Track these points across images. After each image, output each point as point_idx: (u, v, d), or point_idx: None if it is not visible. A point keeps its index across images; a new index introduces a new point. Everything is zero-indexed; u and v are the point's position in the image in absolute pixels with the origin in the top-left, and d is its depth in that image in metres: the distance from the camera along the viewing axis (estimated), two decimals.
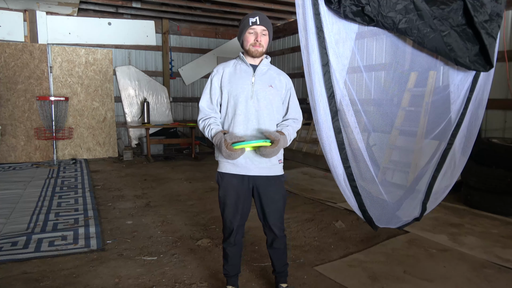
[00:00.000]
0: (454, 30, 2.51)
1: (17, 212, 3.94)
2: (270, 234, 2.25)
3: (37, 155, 6.93)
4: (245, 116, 2.09)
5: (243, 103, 2.09)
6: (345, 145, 2.31)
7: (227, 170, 2.14)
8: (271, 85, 2.13)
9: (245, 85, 2.10)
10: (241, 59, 2.16)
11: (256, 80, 2.11)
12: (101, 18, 7.80)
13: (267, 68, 2.18)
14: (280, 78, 2.19)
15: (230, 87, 2.12)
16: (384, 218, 2.72)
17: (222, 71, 2.16)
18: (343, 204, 4.16)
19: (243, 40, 2.11)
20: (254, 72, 2.13)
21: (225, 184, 2.16)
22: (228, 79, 2.13)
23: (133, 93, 8.11)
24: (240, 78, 2.12)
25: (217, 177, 2.20)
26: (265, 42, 2.10)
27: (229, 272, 2.29)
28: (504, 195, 3.85)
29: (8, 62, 6.66)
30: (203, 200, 4.55)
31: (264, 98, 2.11)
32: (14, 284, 2.48)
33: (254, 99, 2.09)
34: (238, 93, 2.09)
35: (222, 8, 7.27)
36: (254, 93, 2.09)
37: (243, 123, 2.09)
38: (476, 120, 3.11)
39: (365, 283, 2.51)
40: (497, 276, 2.61)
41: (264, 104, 2.11)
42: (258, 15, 2.07)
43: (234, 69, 2.16)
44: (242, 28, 2.10)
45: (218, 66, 2.20)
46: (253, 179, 2.14)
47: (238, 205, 2.16)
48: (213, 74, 2.18)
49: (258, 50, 2.09)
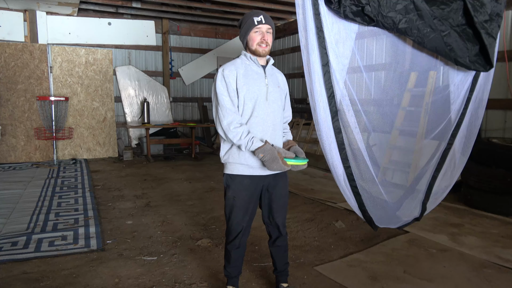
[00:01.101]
0: (454, 30, 2.51)
1: (17, 212, 3.94)
2: (275, 232, 2.26)
3: (37, 155, 6.93)
4: (261, 118, 2.08)
5: (260, 105, 2.08)
6: (345, 145, 2.31)
7: (239, 171, 2.12)
8: (278, 86, 2.17)
9: (261, 87, 2.09)
10: (251, 60, 2.10)
11: (268, 82, 2.12)
12: (101, 18, 7.80)
13: (271, 68, 2.20)
14: (282, 78, 2.26)
15: (247, 89, 2.05)
16: (384, 218, 2.72)
17: (236, 71, 2.06)
18: (343, 204, 4.16)
19: (248, 40, 2.07)
20: (265, 74, 2.13)
21: (236, 186, 2.13)
22: (244, 81, 2.06)
23: (133, 93, 8.11)
24: (254, 79, 2.08)
25: (226, 179, 2.17)
26: (270, 41, 2.09)
27: (231, 273, 2.27)
28: (504, 195, 3.85)
29: (8, 62, 6.67)
30: (203, 200, 4.55)
31: (275, 99, 2.14)
32: (14, 284, 2.48)
33: (269, 100, 2.11)
34: (256, 95, 2.07)
35: (222, 8, 7.27)
36: (269, 95, 2.11)
37: (259, 124, 2.08)
38: (476, 120, 3.11)
39: (365, 283, 2.51)
40: (497, 276, 2.61)
41: (277, 105, 2.14)
42: (261, 14, 2.05)
43: (245, 70, 2.09)
44: (247, 28, 2.05)
45: (228, 67, 2.07)
46: (265, 178, 2.15)
47: (248, 206, 2.16)
48: (225, 74, 2.04)
49: (266, 49, 2.07)
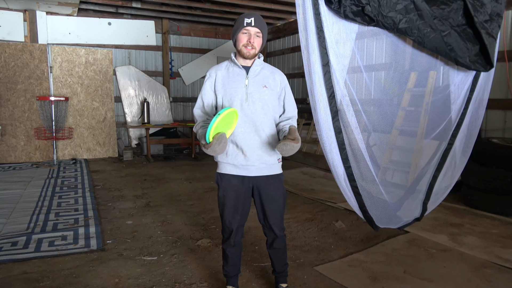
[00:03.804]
0: (455, 30, 2.51)
1: (17, 212, 3.94)
2: (270, 234, 2.24)
3: (37, 155, 6.93)
4: (241, 119, 2.06)
5: (238, 107, 2.06)
6: (345, 145, 2.31)
7: (227, 171, 2.14)
8: (265, 86, 2.10)
9: (238, 88, 2.07)
10: (232, 61, 2.12)
11: (249, 82, 2.08)
12: (101, 18, 7.80)
13: (260, 68, 2.13)
14: (274, 76, 2.14)
15: (224, 91, 2.09)
16: (385, 218, 2.72)
17: (215, 75, 2.13)
18: (343, 204, 4.16)
19: (236, 40, 2.07)
20: (247, 74, 2.09)
21: (225, 185, 2.15)
22: (222, 83, 2.10)
23: (133, 93, 8.10)
24: (234, 81, 2.09)
25: (217, 177, 2.20)
26: (258, 44, 2.06)
27: (229, 272, 2.29)
28: (504, 195, 3.84)
29: (8, 62, 6.66)
30: (203, 200, 4.55)
31: (259, 99, 2.08)
32: (14, 284, 2.48)
33: (249, 101, 2.07)
34: (233, 96, 2.07)
35: (222, 8, 7.27)
36: (249, 95, 2.07)
37: (240, 126, 2.07)
38: (477, 120, 3.11)
39: (365, 283, 2.51)
40: (497, 276, 2.61)
41: (260, 106, 2.08)
42: (253, 16, 2.03)
43: (227, 72, 2.12)
44: (236, 28, 2.06)
45: (211, 70, 2.17)
46: (253, 179, 2.13)
47: (238, 206, 2.15)
48: (205, 79, 2.16)
49: (250, 52, 2.05)
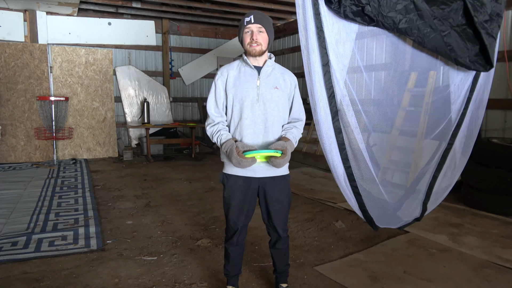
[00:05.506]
0: (454, 30, 2.51)
1: (17, 212, 3.94)
2: (274, 235, 2.24)
3: (37, 155, 6.93)
4: (251, 120, 2.06)
5: (249, 107, 2.06)
6: (345, 145, 2.31)
7: (233, 171, 2.12)
8: (276, 87, 2.10)
9: (250, 89, 2.07)
10: (244, 61, 2.11)
11: (261, 83, 2.08)
12: (101, 18, 7.79)
13: (271, 68, 2.13)
14: (284, 77, 2.15)
15: (235, 91, 2.08)
16: (385, 218, 2.72)
17: (227, 74, 2.12)
18: (343, 204, 4.16)
19: (242, 41, 2.09)
20: (259, 75, 2.09)
21: (231, 185, 2.14)
22: (233, 82, 2.09)
23: (133, 93, 8.10)
24: (245, 81, 2.08)
25: (222, 177, 2.18)
26: (262, 40, 2.05)
27: (230, 272, 2.29)
28: (504, 195, 3.85)
29: (8, 62, 6.66)
30: (203, 200, 4.55)
31: (270, 100, 2.08)
32: (14, 284, 2.48)
33: (260, 102, 2.07)
34: (244, 97, 2.06)
35: (222, 8, 7.26)
36: (260, 96, 2.07)
37: (250, 126, 2.07)
38: (477, 120, 3.11)
39: (365, 283, 2.51)
40: (497, 276, 2.61)
41: (271, 107, 2.08)
42: (252, 14, 2.04)
43: (239, 72, 2.12)
44: (239, 29, 2.09)
45: (222, 69, 2.15)
46: (259, 180, 2.12)
47: (244, 206, 2.15)
48: (217, 77, 2.13)
49: (256, 49, 2.04)
